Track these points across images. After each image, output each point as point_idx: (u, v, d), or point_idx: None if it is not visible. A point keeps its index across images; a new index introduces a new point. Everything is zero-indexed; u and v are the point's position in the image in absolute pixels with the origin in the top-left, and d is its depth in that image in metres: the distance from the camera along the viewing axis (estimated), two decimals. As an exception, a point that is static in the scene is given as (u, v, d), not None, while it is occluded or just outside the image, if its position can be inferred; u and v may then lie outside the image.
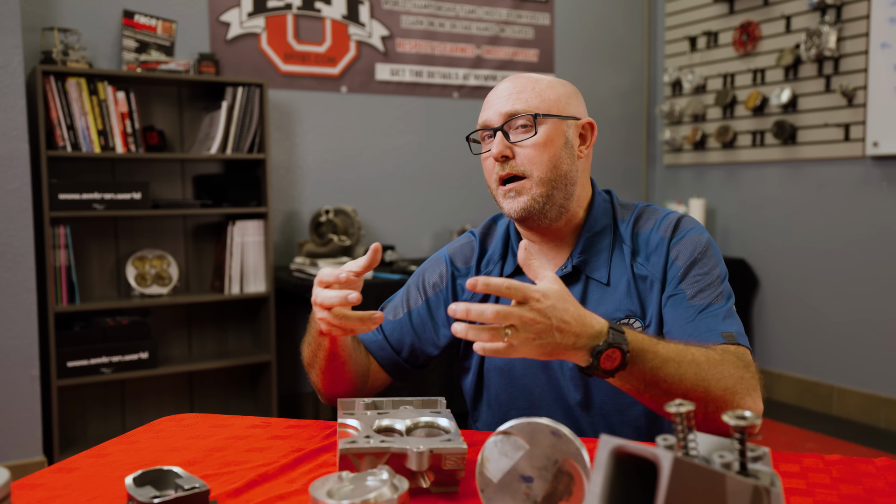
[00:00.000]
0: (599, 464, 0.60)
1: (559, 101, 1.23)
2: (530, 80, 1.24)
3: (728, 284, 1.22)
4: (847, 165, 3.56)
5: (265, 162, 3.22)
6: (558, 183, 1.22)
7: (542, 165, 1.20)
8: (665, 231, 1.25)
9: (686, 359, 1.03)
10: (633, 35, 4.48)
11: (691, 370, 1.03)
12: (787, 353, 3.87)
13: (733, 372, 1.06)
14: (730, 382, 1.05)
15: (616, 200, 1.32)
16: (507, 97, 1.22)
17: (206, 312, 3.39)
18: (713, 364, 1.05)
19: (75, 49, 2.94)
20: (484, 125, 1.24)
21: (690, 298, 1.18)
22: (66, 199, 2.86)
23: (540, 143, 1.20)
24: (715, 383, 1.04)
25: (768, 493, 0.59)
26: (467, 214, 3.97)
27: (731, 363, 1.07)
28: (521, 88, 1.23)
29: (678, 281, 1.21)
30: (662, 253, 1.23)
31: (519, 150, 1.21)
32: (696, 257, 1.21)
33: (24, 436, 2.77)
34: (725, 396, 1.04)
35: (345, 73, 3.68)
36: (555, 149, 1.21)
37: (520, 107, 1.21)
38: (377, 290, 3.10)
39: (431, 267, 1.37)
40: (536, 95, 1.22)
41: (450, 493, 0.89)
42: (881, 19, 3.33)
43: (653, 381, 1.02)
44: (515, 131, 1.21)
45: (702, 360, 1.05)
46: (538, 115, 1.20)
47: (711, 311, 1.17)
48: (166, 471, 0.85)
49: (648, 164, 4.58)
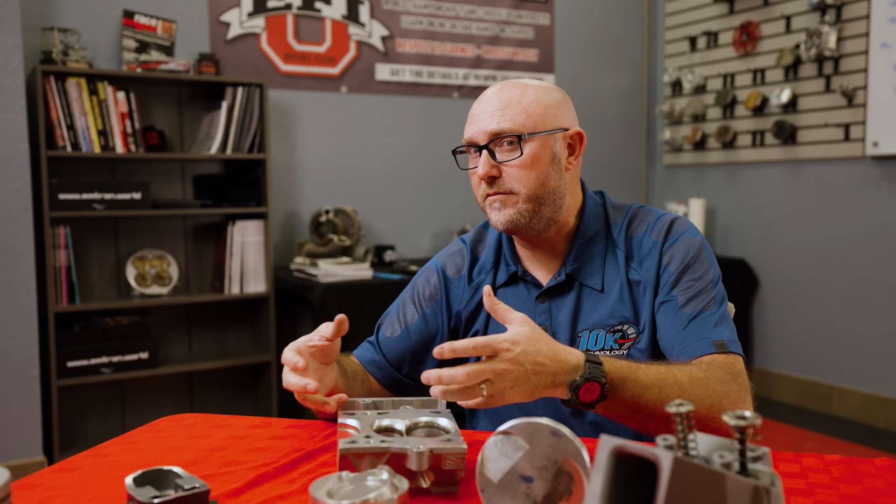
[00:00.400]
0: (599, 464, 0.60)
1: (546, 115, 1.21)
2: (516, 92, 1.21)
3: (721, 287, 1.22)
4: (847, 165, 3.56)
5: (265, 162, 3.22)
6: (546, 199, 1.21)
7: (528, 183, 1.20)
8: (658, 235, 1.24)
9: (668, 382, 1.04)
10: (633, 35, 4.48)
11: (674, 392, 1.03)
12: (787, 353, 3.87)
13: (718, 388, 1.06)
14: (714, 400, 1.05)
15: (608, 203, 1.32)
16: (492, 114, 1.20)
17: (206, 312, 3.39)
18: (697, 384, 1.05)
19: (75, 49, 2.94)
20: (469, 142, 1.23)
21: (682, 306, 1.18)
22: (66, 199, 2.86)
23: (526, 163, 1.19)
24: (699, 403, 1.04)
25: (768, 493, 0.59)
26: (467, 214, 3.97)
27: (716, 379, 1.07)
28: (505, 103, 1.20)
29: (670, 287, 1.20)
30: (655, 258, 1.23)
31: (505, 169, 1.20)
32: (688, 262, 1.21)
33: (24, 436, 2.77)
34: (711, 414, 1.05)
35: (345, 73, 3.68)
36: (542, 166, 1.20)
37: (504, 126, 1.19)
38: (377, 290, 3.10)
39: (424, 279, 1.37)
40: (522, 111, 1.20)
41: (450, 493, 0.89)
42: (881, 19, 3.33)
43: (635, 407, 1.03)
44: (501, 149, 1.20)
45: (684, 382, 1.05)
46: (523, 136, 1.19)
47: (703, 319, 1.16)
48: (166, 471, 0.85)
49: (648, 164, 4.58)
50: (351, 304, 3.04)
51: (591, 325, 1.24)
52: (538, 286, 1.28)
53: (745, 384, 1.10)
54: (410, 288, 1.38)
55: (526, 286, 1.29)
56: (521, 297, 1.29)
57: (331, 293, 3.00)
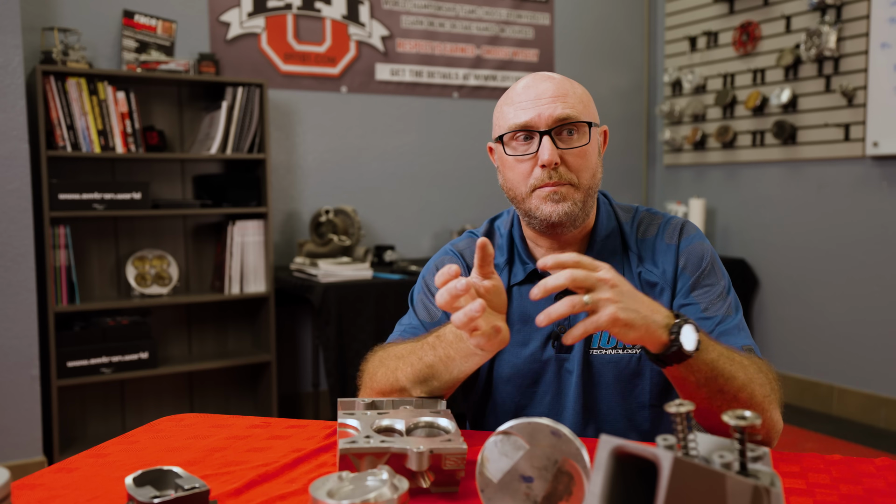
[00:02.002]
0: (599, 464, 0.60)
1: (592, 107, 1.22)
2: (567, 82, 1.20)
3: (735, 295, 1.22)
4: (847, 165, 3.56)
5: (265, 162, 3.22)
6: (592, 191, 1.21)
7: (587, 173, 1.18)
8: (671, 237, 1.23)
9: (735, 358, 1.03)
10: (633, 35, 4.48)
11: (741, 371, 1.02)
12: (787, 353, 3.87)
13: (765, 382, 1.06)
14: (767, 390, 1.05)
15: (614, 203, 1.31)
16: (553, 99, 1.16)
17: (206, 312, 3.39)
18: (755, 369, 1.05)
19: (75, 49, 2.94)
20: (526, 126, 1.17)
21: (704, 310, 1.17)
22: (66, 199, 2.86)
23: (588, 152, 1.18)
24: (759, 388, 1.03)
25: (768, 493, 0.59)
26: (467, 214, 3.97)
27: (765, 373, 1.07)
28: (564, 91, 1.18)
29: (688, 290, 1.19)
30: (671, 259, 1.22)
31: (567, 158, 1.17)
32: (704, 267, 1.20)
33: (24, 436, 2.77)
34: (764, 404, 1.04)
35: (345, 73, 3.68)
36: (595, 157, 1.21)
37: (570, 112, 1.16)
38: (377, 290, 3.10)
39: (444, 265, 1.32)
40: (579, 101, 1.18)
41: (450, 494, 0.89)
42: (881, 19, 3.33)
43: (711, 375, 1.00)
44: (561, 137, 1.17)
45: (747, 364, 1.04)
46: (592, 123, 1.18)
47: (725, 324, 1.16)
48: (166, 471, 0.85)
49: (648, 164, 4.58)
50: (351, 304, 3.04)
51: None
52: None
53: (778, 390, 1.10)
54: (428, 282, 1.31)
55: None
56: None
57: (331, 293, 3.00)
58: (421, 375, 1.11)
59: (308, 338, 3.63)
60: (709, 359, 0.99)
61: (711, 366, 0.99)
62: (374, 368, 1.19)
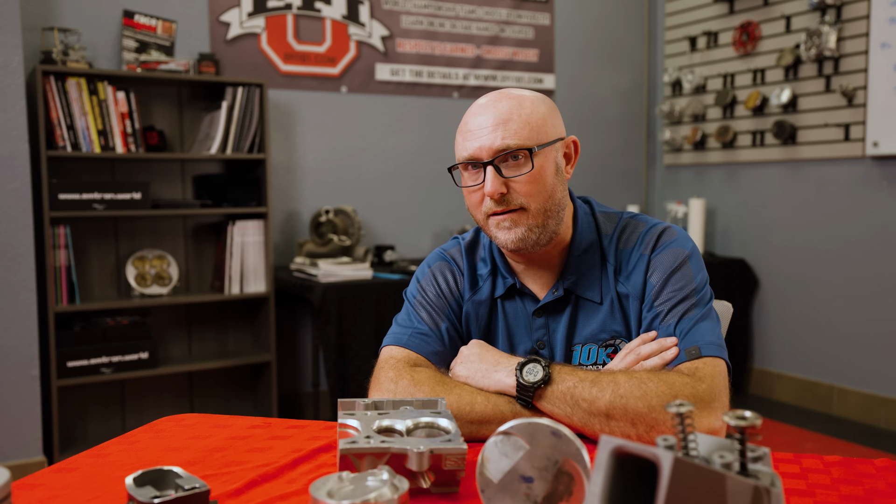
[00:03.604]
0: (599, 464, 0.60)
1: (545, 126, 1.18)
2: (513, 104, 1.17)
3: (708, 290, 1.19)
4: (847, 165, 3.56)
5: (265, 162, 3.22)
6: (552, 212, 1.19)
7: (538, 197, 1.17)
8: (646, 248, 1.22)
9: (601, 380, 1.05)
10: (633, 35, 4.48)
11: (608, 390, 1.04)
12: (787, 353, 3.87)
13: (659, 391, 1.03)
14: (656, 401, 1.02)
15: (597, 211, 1.29)
16: (494, 128, 1.15)
17: (206, 312, 3.39)
18: (637, 382, 1.04)
19: (75, 49, 2.94)
20: (470, 159, 1.17)
21: (664, 317, 1.16)
22: (66, 199, 2.86)
23: (536, 176, 1.16)
24: (635, 401, 1.02)
25: (768, 494, 0.59)
26: (467, 214, 3.96)
27: (665, 381, 1.04)
28: (506, 117, 1.15)
29: (653, 298, 1.18)
30: (642, 270, 1.21)
31: (513, 185, 1.16)
32: (671, 271, 1.18)
33: (24, 436, 2.77)
34: (652, 414, 1.02)
35: (345, 73, 3.68)
36: (548, 178, 1.18)
37: (511, 141, 1.14)
38: (377, 290, 3.10)
39: (441, 273, 1.30)
40: (524, 124, 1.15)
41: (450, 494, 0.89)
42: (881, 19, 3.33)
43: (573, 402, 1.05)
44: (506, 165, 1.16)
45: (622, 380, 1.05)
46: (533, 149, 1.15)
47: (684, 325, 1.14)
48: (166, 471, 0.85)
49: (648, 164, 4.58)
50: (351, 304, 3.04)
51: (583, 340, 1.23)
52: (535, 300, 1.25)
53: (714, 388, 1.06)
54: (425, 288, 1.31)
55: (522, 300, 1.27)
56: (518, 310, 1.27)
57: (331, 293, 3.00)
58: (490, 416, 1.12)
59: (308, 338, 3.63)
60: (564, 388, 1.05)
61: (569, 394, 1.05)
62: (434, 391, 1.14)
